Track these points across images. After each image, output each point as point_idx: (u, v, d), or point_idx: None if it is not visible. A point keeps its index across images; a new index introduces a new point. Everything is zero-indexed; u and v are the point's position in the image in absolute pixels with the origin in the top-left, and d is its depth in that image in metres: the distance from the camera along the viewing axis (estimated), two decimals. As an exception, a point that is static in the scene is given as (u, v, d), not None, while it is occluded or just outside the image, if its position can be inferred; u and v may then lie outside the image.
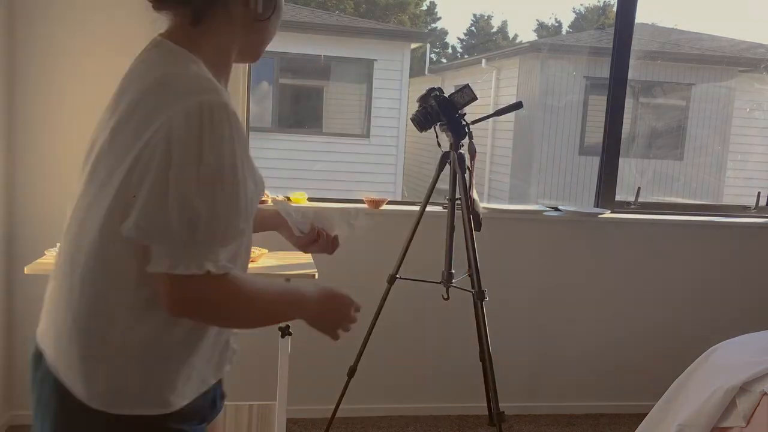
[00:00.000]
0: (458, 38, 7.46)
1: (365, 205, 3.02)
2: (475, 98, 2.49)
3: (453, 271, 2.68)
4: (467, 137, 2.52)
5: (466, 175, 2.57)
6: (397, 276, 2.64)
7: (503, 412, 2.50)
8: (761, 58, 5.11)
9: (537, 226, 3.15)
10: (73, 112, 2.72)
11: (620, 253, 3.23)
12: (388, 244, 2.96)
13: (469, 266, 2.59)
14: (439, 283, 2.69)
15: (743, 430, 2.05)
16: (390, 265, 2.66)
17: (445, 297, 2.69)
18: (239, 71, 2.80)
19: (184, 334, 1.03)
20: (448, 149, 2.58)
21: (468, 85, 2.50)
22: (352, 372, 2.60)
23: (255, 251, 2.30)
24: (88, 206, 1.03)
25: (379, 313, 2.58)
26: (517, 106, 2.64)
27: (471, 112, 2.52)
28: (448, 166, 2.61)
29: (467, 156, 2.56)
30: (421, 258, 2.78)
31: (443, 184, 2.63)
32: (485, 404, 3.14)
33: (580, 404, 3.30)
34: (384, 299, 2.60)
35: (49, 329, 1.06)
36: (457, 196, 2.61)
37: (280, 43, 5.97)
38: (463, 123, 2.52)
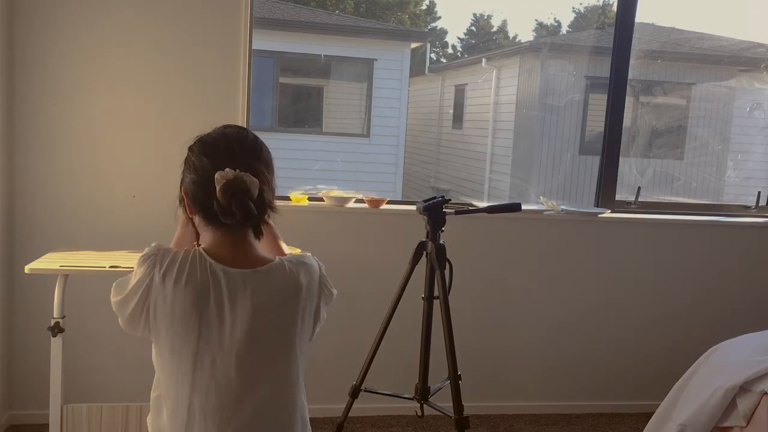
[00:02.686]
0: (458, 38, 7.45)
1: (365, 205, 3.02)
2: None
3: (429, 386, 2.41)
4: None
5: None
6: (362, 388, 2.41)
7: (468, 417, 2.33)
8: (761, 57, 5.10)
9: (537, 226, 3.15)
10: (73, 113, 2.72)
11: (620, 252, 3.23)
12: (388, 243, 2.96)
13: (449, 376, 2.31)
14: (412, 399, 2.43)
15: (743, 429, 2.05)
16: (390, 264, 2.66)
17: (419, 414, 2.42)
18: (239, 71, 2.80)
19: None
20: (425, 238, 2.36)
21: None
22: (356, 392, 2.43)
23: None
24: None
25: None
26: (515, 207, 2.46)
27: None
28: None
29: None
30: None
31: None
32: (486, 404, 3.15)
33: (580, 404, 3.29)
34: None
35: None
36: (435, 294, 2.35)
37: (280, 43, 5.97)
38: (445, 211, 2.33)
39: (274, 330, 1.31)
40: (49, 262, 2.24)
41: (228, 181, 1.25)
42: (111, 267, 2.21)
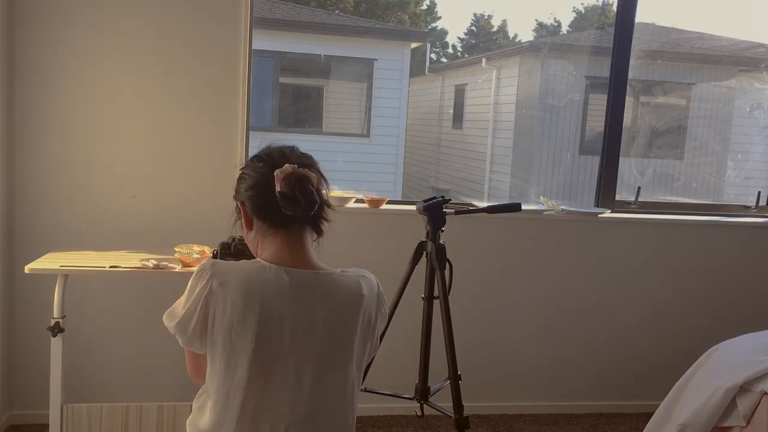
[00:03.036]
0: (458, 38, 7.45)
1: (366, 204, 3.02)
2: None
3: (429, 386, 2.41)
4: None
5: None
6: (362, 388, 2.46)
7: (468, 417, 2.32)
8: (761, 57, 5.10)
9: (537, 226, 3.15)
10: (73, 113, 2.72)
11: (620, 252, 3.23)
12: (388, 243, 2.96)
13: (449, 376, 2.31)
14: (412, 399, 2.43)
15: (743, 429, 2.05)
16: (390, 264, 2.66)
17: (419, 414, 2.41)
18: (239, 71, 2.80)
19: None
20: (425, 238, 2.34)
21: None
22: None
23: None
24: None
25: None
26: (515, 207, 2.46)
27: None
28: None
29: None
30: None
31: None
32: (486, 404, 3.15)
33: (580, 404, 3.30)
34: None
35: None
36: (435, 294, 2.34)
37: (279, 43, 5.97)
38: (445, 211, 2.32)
39: (335, 335, 1.30)
40: (49, 262, 2.24)
41: (289, 173, 1.27)
42: (111, 267, 2.21)
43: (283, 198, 1.26)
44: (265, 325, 1.25)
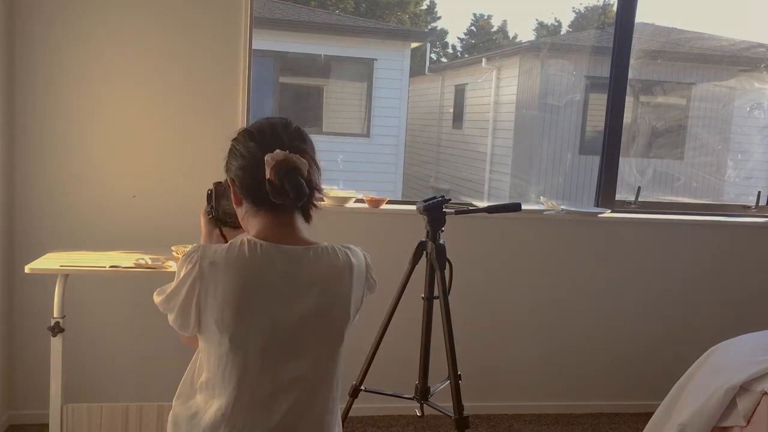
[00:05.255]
0: (458, 38, 7.45)
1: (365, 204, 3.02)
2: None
3: (429, 386, 2.41)
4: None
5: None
6: (362, 388, 2.41)
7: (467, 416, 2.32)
8: (761, 57, 5.10)
9: (537, 226, 3.15)
10: (73, 113, 2.72)
11: (620, 252, 3.23)
12: (388, 243, 2.96)
13: (449, 376, 2.32)
14: (412, 399, 2.43)
15: (743, 429, 2.05)
16: (390, 264, 2.66)
17: (419, 414, 2.41)
18: (239, 71, 2.80)
19: None
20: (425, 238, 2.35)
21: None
22: (356, 392, 2.44)
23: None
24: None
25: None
26: (515, 207, 2.46)
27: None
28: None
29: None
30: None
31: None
32: (486, 404, 3.15)
33: (580, 404, 3.30)
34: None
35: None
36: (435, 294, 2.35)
37: (279, 43, 5.97)
38: (445, 211, 2.31)
39: (327, 310, 1.31)
40: (49, 261, 2.24)
41: (279, 161, 1.25)
42: (111, 267, 2.21)
43: (272, 188, 1.25)
44: (257, 304, 1.24)
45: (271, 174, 1.24)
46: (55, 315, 2.18)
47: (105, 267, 2.20)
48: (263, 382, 1.27)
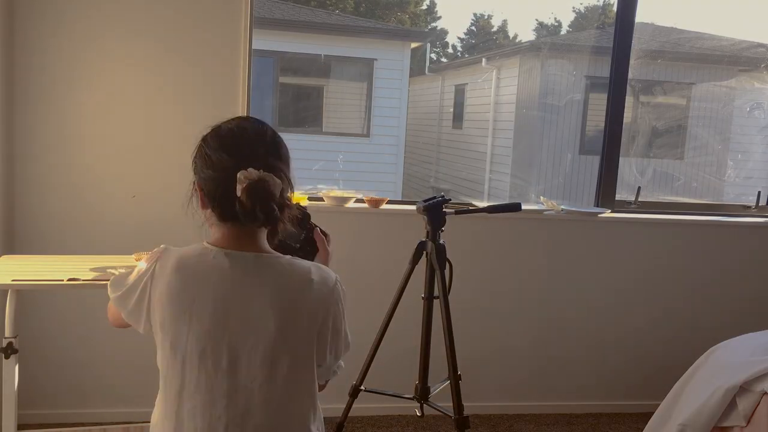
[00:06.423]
0: (458, 37, 7.46)
1: (365, 204, 3.02)
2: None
3: (429, 386, 2.40)
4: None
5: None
6: (362, 388, 2.42)
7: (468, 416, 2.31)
8: (761, 57, 5.10)
9: (537, 226, 3.15)
10: (73, 113, 2.71)
11: (620, 252, 3.23)
12: (388, 243, 2.96)
13: (449, 376, 2.30)
14: (412, 399, 2.43)
15: (743, 429, 2.05)
16: (390, 264, 2.66)
17: (419, 414, 2.39)
18: (239, 71, 2.80)
19: None
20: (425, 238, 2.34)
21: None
22: (356, 392, 2.43)
23: None
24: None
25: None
26: (515, 207, 2.44)
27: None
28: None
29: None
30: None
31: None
32: (486, 404, 3.15)
33: (580, 404, 3.30)
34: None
35: None
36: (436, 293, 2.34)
37: (279, 43, 5.97)
38: (445, 211, 2.30)
39: (278, 323, 1.23)
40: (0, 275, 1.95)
41: (252, 183, 1.20)
42: (69, 280, 1.95)
43: (242, 209, 1.20)
44: (198, 309, 1.22)
45: (242, 194, 1.19)
46: (7, 334, 1.86)
47: (63, 281, 1.93)
48: (201, 390, 1.22)
